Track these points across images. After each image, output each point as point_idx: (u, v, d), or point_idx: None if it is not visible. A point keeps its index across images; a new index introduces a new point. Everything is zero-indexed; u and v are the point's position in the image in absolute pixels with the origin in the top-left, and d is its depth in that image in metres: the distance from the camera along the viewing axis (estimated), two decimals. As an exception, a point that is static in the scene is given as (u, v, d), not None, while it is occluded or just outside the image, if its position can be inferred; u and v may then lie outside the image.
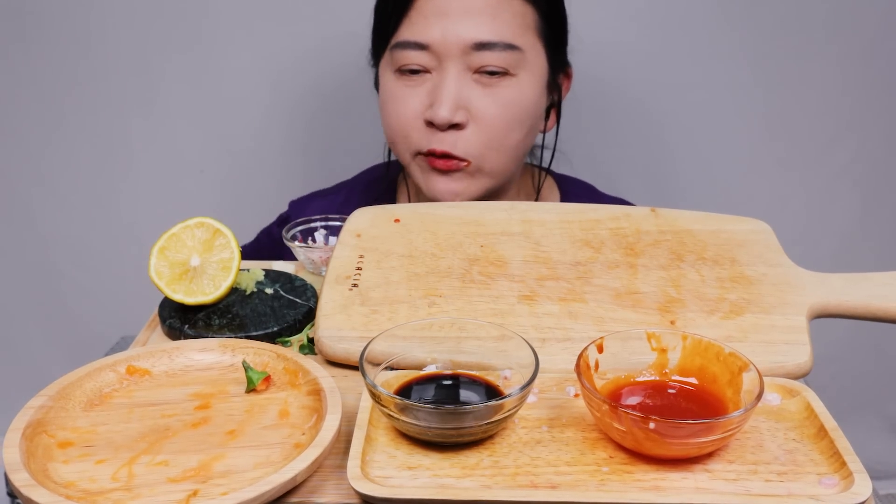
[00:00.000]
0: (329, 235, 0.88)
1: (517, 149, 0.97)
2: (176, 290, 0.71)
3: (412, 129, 0.94)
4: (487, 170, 0.95)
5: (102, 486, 0.52)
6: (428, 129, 0.93)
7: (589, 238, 0.78)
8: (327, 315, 0.69)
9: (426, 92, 0.93)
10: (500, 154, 0.95)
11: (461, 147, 0.93)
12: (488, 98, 0.92)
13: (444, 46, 0.91)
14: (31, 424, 0.55)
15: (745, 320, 0.68)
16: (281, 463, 0.53)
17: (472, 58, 0.91)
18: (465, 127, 0.92)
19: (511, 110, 0.93)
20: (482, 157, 0.94)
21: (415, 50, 0.92)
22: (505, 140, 0.94)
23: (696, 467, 0.53)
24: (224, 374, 0.64)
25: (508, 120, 0.93)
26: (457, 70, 0.91)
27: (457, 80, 0.91)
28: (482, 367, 0.60)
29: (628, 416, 0.51)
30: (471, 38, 0.90)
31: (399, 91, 0.95)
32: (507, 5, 0.91)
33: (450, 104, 0.90)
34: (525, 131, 0.96)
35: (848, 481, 0.51)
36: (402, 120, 0.95)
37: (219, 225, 0.73)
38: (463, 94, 0.92)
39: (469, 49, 0.90)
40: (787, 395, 0.60)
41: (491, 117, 0.92)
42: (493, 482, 0.52)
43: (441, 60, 0.92)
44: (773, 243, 0.77)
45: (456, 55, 0.91)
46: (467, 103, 0.92)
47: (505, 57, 0.91)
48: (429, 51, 0.91)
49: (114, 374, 0.63)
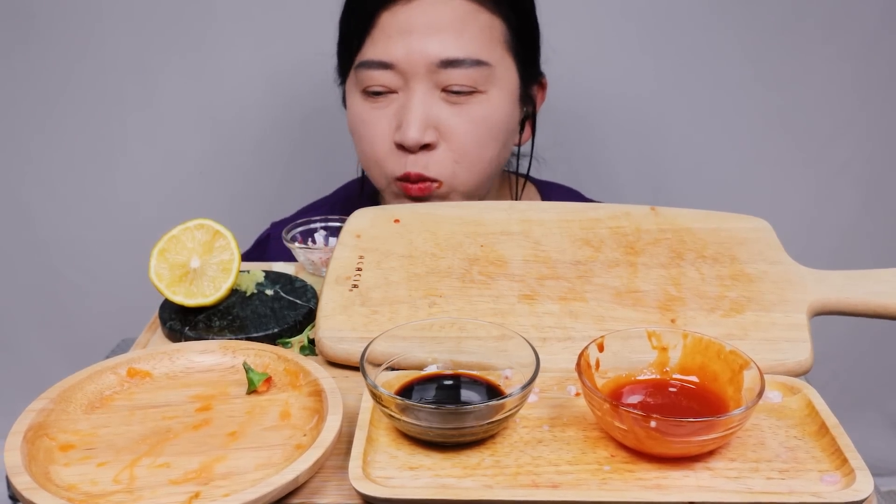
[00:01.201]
0: (329, 236, 0.88)
1: (490, 165, 0.94)
2: (176, 292, 0.71)
3: (384, 154, 0.92)
4: (461, 189, 0.93)
5: (104, 488, 0.52)
6: (399, 152, 0.91)
7: (589, 237, 0.78)
8: (328, 316, 0.69)
9: (393, 113, 0.91)
10: (471, 173, 0.93)
11: (433, 169, 0.91)
12: (458, 117, 0.90)
13: (409, 65, 0.88)
14: (32, 427, 0.55)
15: (746, 318, 0.68)
16: (282, 464, 0.53)
17: (439, 76, 0.88)
18: (435, 147, 0.90)
19: (482, 127, 0.91)
20: (454, 176, 0.92)
21: (379, 70, 0.89)
22: (477, 158, 0.92)
23: (697, 465, 0.53)
24: (225, 376, 0.64)
25: (479, 137, 0.91)
26: (424, 89, 0.89)
27: (424, 99, 0.89)
28: (483, 366, 0.60)
29: (629, 414, 0.51)
30: (436, 56, 0.87)
31: (367, 115, 0.92)
32: (473, 20, 0.89)
33: (418, 125, 0.88)
34: (498, 148, 0.94)
35: (849, 478, 0.51)
36: (373, 146, 0.93)
37: (219, 227, 0.73)
38: (432, 113, 0.89)
39: (435, 67, 0.88)
40: (788, 392, 0.60)
41: (461, 135, 0.90)
42: (494, 482, 0.51)
43: (407, 80, 0.89)
44: (773, 241, 0.77)
45: (422, 74, 0.88)
46: (436, 122, 0.90)
47: (473, 74, 0.88)
48: (394, 70, 0.89)
49: (115, 376, 0.63)
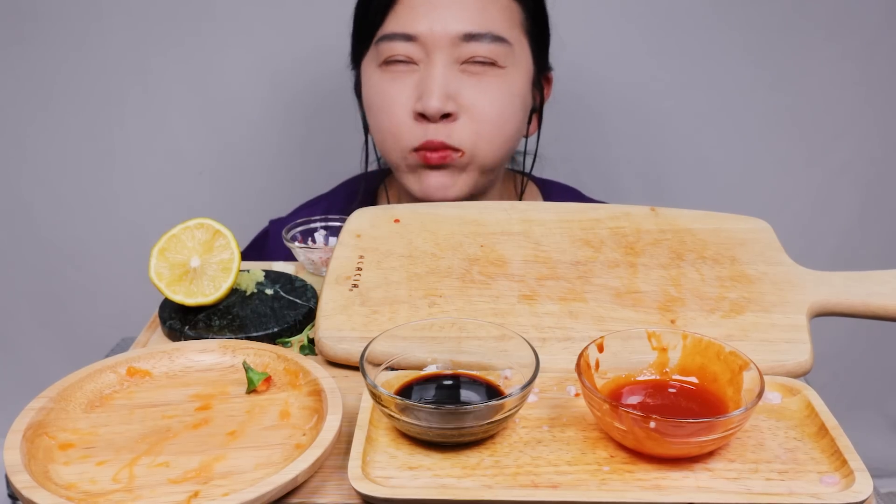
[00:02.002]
0: (329, 236, 0.88)
1: (508, 142, 0.96)
2: (176, 292, 0.71)
3: (403, 125, 0.92)
4: (479, 161, 0.94)
5: (103, 487, 0.52)
6: (419, 123, 0.92)
7: (589, 237, 0.78)
8: (327, 315, 0.69)
9: (413, 85, 0.92)
10: (492, 145, 0.94)
11: (455, 138, 0.92)
12: (477, 88, 0.91)
13: (432, 38, 0.90)
14: (31, 426, 0.56)
15: (746, 319, 0.68)
16: (282, 464, 0.53)
17: (461, 49, 0.90)
18: (455, 118, 0.91)
19: (501, 101, 0.93)
20: (475, 147, 0.93)
21: (402, 41, 0.91)
22: (497, 130, 0.93)
23: (696, 466, 0.53)
24: (224, 375, 0.64)
25: (499, 110, 0.93)
26: (445, 62, 0.90)
27: (445, 71, 0.90)
28: (483, 366, 0.60)
29: (629, 415, 0.51)
30: (459, 30, 0.89)
31: (386, 85, 0.93)
32: (494, 1, 0.91)
33: (440, 93, 0.89)
34: (515, 125, 0.95)
35: (849, 480, 0.51)
36: (391, 117, 0.93)
37: (219, 226, 0.73)
38: (452, 85, 0.91)
39: (457, 41, 0.90)
40: (787, 393, 0.60)
41: (481, 107, 0.92)
42: (494, 482, 0.52)
43: (428, 52, 0.91)
44: (773, 242, 0.77)
45: (444, 47, 0.90)
46: (456, 94, 0.91)
47: (493, 48, 0.90)
48: (416, 42, 0.90)
49: (114, 375, 0.63)
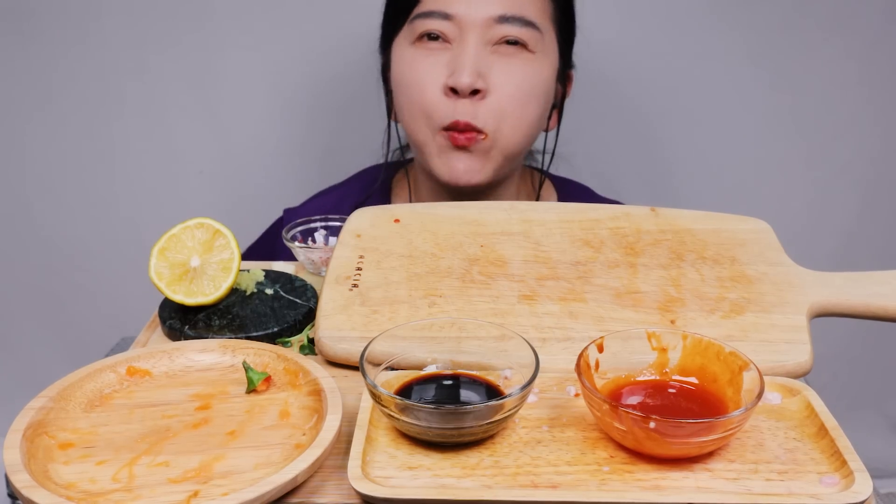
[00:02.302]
0: (329, 236, 0.88)
1: (529, 127, 0.97)
2: (176, 291, 0.71)
3: (435, 101, 0.94)
4: (502, 144, 0.96)
5: (103, 486, 0.52)
6: (449, 99, 0.93)
7: (589, 238, 0.78)
8: (327, 315, 0.69)
9: (445, 62, 0.94)
10: (514, 129, 0.95)
11: (481, 119, 0.93)
12: (506, 68, 0.94)
13: (467, 18, 0.92)
14: (31, 425, 0.56)
15: (746, 319, 0.68)
16: (281, 463, 0.53)
17: (494, 30, 0.93)
18: (484, 95, 0.93)
19: (527, 83, 0.95)
20: (498, 129, 0.94)
21: (439, 19, 0.93)
22: (520, 114, 0.95)
23: (696, 467, 0.53)
24: (224, 375, 0.64)
25: (525, 92, 0.95)
26: (477, 41, 0.93)
27: (477, 49, 0.93)
28: (482, 366, 0.60)
29: (629, 415, 0.51)
30: (494, 12, 0.92)
31: (419, 61, 0.95)
32: None
33: (471, 69, 0.92)
34: (537, 111, 0.97)
35: (848, 480, 0.51)
36: (423, 92, 0.95)
37: (219, 225, 0.73)
38: (483, 63, 0.93)
39: (491, 22, 0.92)
40: (787, 394, 0.60)
41: (509, 86, 0.94)
42: (493, 482, 0.52)
43: (463, 31, 0.93)
44: (773, 242, 0.77)
45: (478, 27, 0.92)
46: (486, 72, 0.93)
47: (525, 32, 0.93)
48: (452, 21, 0.93)
49: (114, 374, 0.63)
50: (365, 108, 1.14)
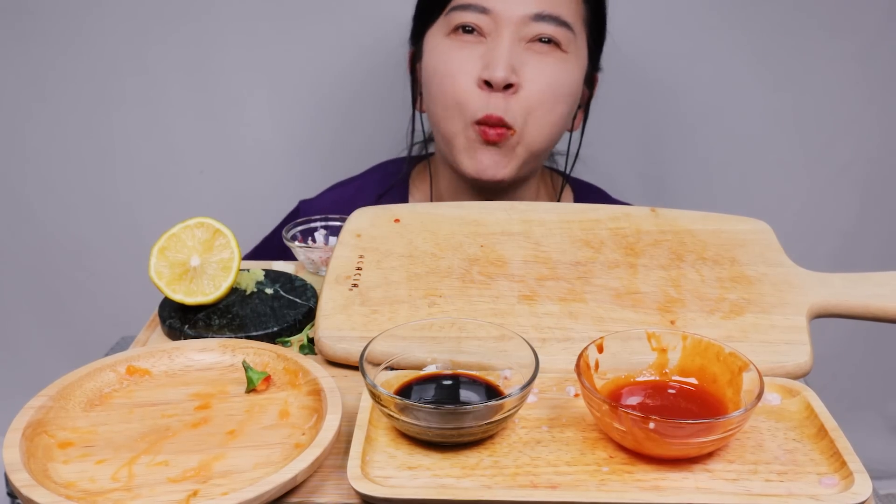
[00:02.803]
0: (329, 235, 0.88)
1: (555, 125, 0.98)
2: (176, 291, 0.71)
3: (467, 91, 0.95)
4: (528, 141, 0.96)
5: (102, 486, 0.52)
6: (482, 91, 0.94)
7: (589, 238, 0.78)
8: (327, 315, 0.69)
9: (479, 55, 0.94)
10: (541, 127, 0.96)
11: (511, 112, 0.94)
12: (539, 65, 0.94)
13: (505, 14, 0.93)
14: (31, 424, 0.56)
15: (745, 320, 0.68)
16: (281, 463, 0.53)
17: (529, 28, 0.94)
18: (517, 90, 0.94)
19: (558, 82, 0.96)
20: (525, 126, 0.95)
21: (476, 13, 0.94)
22: (548, 112, 0.96)
23: (696, 467, 0.53)
24: (224, 375, 0.64)
25: (555, 90, 0.96)
26: (512, 37, 0.94)
27: (512, 45, 0.94)
28: (482, 367, 0.60)
29: (628, 416, 0.51)
30: (531, 10, 0.93)
31: (453, 53, 0.96)
32: None
33: (506, 64, 0.92)
34: (564, 110, 0.98)
35: (848, 481, 0.51)
36: (456, 83, 0.95)
37: (219, 225, 0.73)
38: (516, 58, 0.94)
39: (527, 19, 0.93)
40: (787, 394, 0.60)
41: (539, 84, 0.94)
42: (493, 482, 0.52)
43: (498, 26, 0.94)
44: (773, 243, 0.77)
45: (514, 22, 0.93)
46: (520, 67, 0.94)
47: (559, 31, 0.94)
48: (489, 15, 0.94)
49: (114, 374, 0.63)
50: (367, 106, 1.15)
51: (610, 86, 1.30)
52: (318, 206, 1.07)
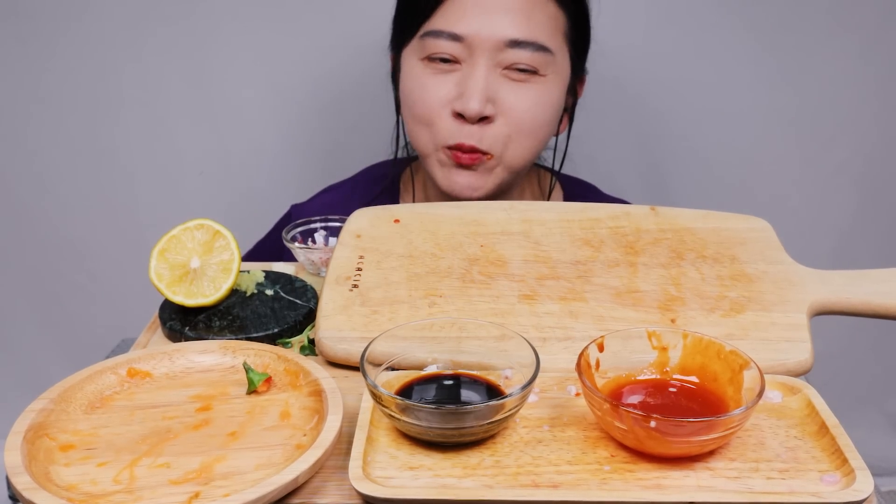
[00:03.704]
0: (329, 236, 0.88)
1: (537, 147, 0.98)
2: (176, 292, 0.71)
3: (439, 118, 0.94)
4: (508, 163, 0.96)
5: (104, 488, 0.52)
6: (455, 121, 0.93)
7: (589, 237, 0.78)
8: (328, 316, 0.69)
9: (454, 82, 0.93)
10: (522, 149, 0.95)
11: (487, 141, 0.93)
12: (516, 94, 0.93)
13: (478, 40, 0.91)
14: (32, 427, 0.55)
15: (746, 318, 0.68)
16: (282, 464, 0.53)
17: (504, 54, 0.91)
18: (492, 121, 0.93)
19: (538, 107, 0.94)
20: (506, 150, 0.94)
21: (448, 40, 0.92)
22: (530, 136, 0.95)
23: (697, 465, 0.53)
24: (225, 376, 0.64)
25: (535, 116, 0.94)
26: (487, 64, 0.92)
27: (487, 73, 0.92)
28: (483, 366, 0.60)
29: (629, 414, 0.51)
30: (506, 35, 0.90)
31: (427, 79, 0.94)
32: (542, 8, 0.92)
33: (480, 96, 0.91)
34: (547, 132, 0.97)
35: (849, 478, 0.51)
36: (428, 108, 0.94)
37: (219, 227, 0.73)
38: (492, 87, 0.92)
39: (502, 45, 0.91)
40: (788, 392, 0.60)
41: (520, 112, 0.93)
42: (494, 482, 0.52)
43: (473, 53, 0.92)
44: (773, 241, 0.77)
45: (489, 50, 0.91)
46: (495, 97, 0.92)
47: (536, 57, 0.92)
48: (462, 43, 0.91)
49: (115, 376, 0.63)
50: (366, 107, 1.14)
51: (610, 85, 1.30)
52: (310, 210, 1.06)
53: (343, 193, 1.10)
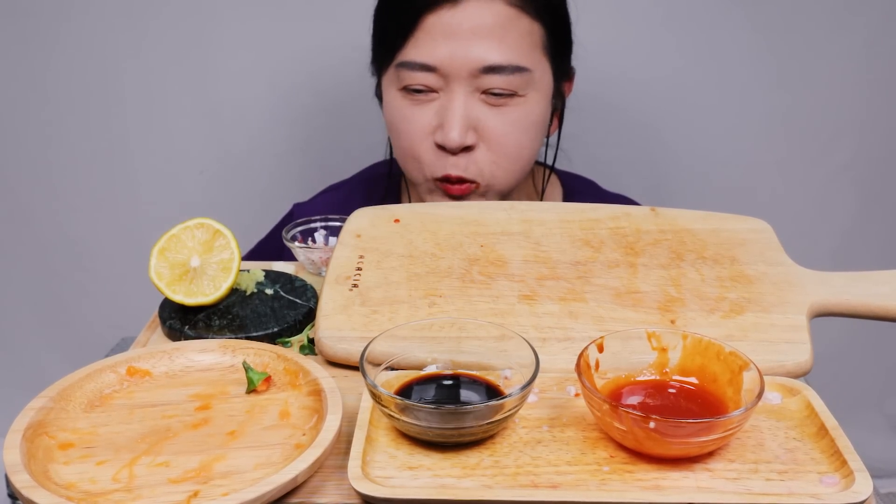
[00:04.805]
0: (329, 236, 0.88)
1: (526, 164, 0.97)
2: (176, 291, 0.71)
3: (423, 151, 0.93)
4: (497, 188, 0.95)
5: (103, 487, 0.52)
6: (439, 152, 0.92)
7: (589, 237, 0.78)
8: (327, 315, 0.69)
9: (433, 112, 0.92)
10: (509, 172, 0.95)
11: (472, 170, 0.92)
12: (497, 118, 0.91)
13: (452, 68, 0.89)
14: (31, 426, 0.56)
15: (746, 319, 0.68)
16: (282, 463, 0.53)
17: (481, 80, 0.89)
18: (475, 148, 0.92)
19: (520, 129, 0.93)
20: (492, 176, 0.94)
21: (421, 71, 0.90)
22: (515, 158, 0.94)
23: (696, 466, 0.53)
24: (224, 375, 0.64)
25: (518, 139, 0.93)
26: (465, 91, 0.90)
27: (465, 101, 0.90)
28: (482, 366, 0.60)
29: (629, 415, 0.51)
30: (480, 61, 0.88)
31: (406, 111, 0.93)
32: (515, 25, 0.90)
33: (459, 127, 0.89)
34: (534, 147, 0.96)
35: (849, 480, 0.51)
36: (412, 144, 0.93)
37: (219, 226, 0.73)
38: (472, 114, 0.91)
39: (477, 72, 0.89)
40: (787, 393, 0.60)
41: (501, 137, 0.92)
42: (493, 482, 0.52)
43: (448, 82, 0.90)
44: (773, 242, 0.77)
45: (464, 77, 0.89)
46: (476, 123, 0.91)
47: (513, 80, 0.90)
48: (437, 73, 0.90)
49: (114, 375, 0.63)
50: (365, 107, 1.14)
51: (609, 85, 1.30)
52: (312, 210, 1.06)
53: (344, 193, 1.10)
